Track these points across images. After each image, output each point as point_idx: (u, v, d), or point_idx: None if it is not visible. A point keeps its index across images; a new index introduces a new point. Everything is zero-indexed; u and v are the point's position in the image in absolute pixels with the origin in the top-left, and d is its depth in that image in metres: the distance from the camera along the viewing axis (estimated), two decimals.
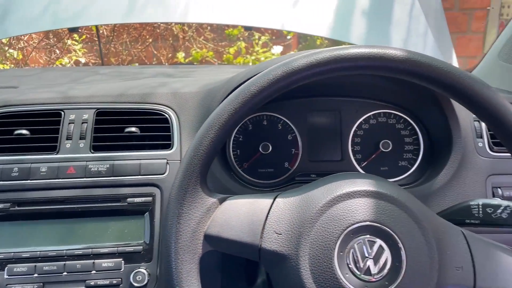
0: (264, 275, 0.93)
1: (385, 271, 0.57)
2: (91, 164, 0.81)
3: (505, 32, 1.02)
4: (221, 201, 0.63)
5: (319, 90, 0.97)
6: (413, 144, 0.95)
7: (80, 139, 0.83)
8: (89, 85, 0.97)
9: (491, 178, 0.86)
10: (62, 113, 0.85)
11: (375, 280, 0.56)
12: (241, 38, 3.48)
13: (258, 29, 3.40)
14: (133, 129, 0.85)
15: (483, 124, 0.89)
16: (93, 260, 0.76)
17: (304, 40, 3.56)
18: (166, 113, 0.87)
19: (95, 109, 0.86)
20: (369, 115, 0.96)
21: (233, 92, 0.62)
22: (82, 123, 0.85)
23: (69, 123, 0.84)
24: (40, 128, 0.84)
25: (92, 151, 0.83)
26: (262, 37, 3.43)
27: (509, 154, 0.81)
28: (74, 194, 0.79)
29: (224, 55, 3.45)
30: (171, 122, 0.86)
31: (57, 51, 3.48)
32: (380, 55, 0.60)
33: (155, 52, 3.48)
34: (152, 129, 0.86)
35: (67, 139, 0.83)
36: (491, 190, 0.85)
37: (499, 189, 0.85)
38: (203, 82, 0.95)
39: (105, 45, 3.35)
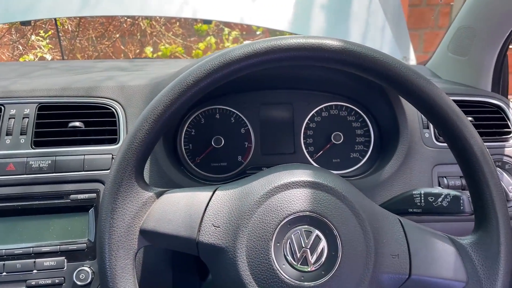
0: None
1: (322, 260, 0.57)
2: (32, 160, 0.78)
3: (453, 26, 1.04)
4: (159, 195, 0.62)
5: (272, 83, 0.96)
6: (364, 136, 0.96)
7: (21, 134, 0.80)
8: (32, 79, 0.93)
9: (437, 168, 0.87)
10: (2, 108, 0.82)
11: (311, 270, 0.56)
12: (211, 34, 3.44)
13: (228, 24, 3.37)
14: (77, 123, 0.83)
15: None
16: (34, 260, 0.74)
17: (274, 35, 3.55)
18: (112, 107, 0.85)
19: (37, 104, 0.83)
20: (321, 108, 0.97)
21: (170, 84, 0.61)
22: (23, 118, 0.82)
23: (10, 118, 0.81)
24: None
25: (34, 146, 0.80)
26: (233, 32, 3.41)
27: None
28: (14, 191, 0.77)
29: (194, 51, 3.42)
30: (118, 116, 0.84)
31: (20, 47, 3.37)
32: (317, 45, 0.60)
33: (122, 47, 3.41)
34: (97, 123, 0.84)
35: (7, 134, 0.80)
36: (437, 180, 0.87)
37: (444, 179, 0.87)
38: (153, 75, 0.93)
39: (70, 40, 3.27)
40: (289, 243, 0.57)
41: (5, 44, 3.35)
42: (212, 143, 0.93)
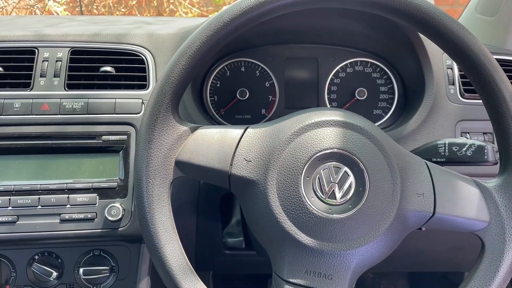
0: (238, 216, 0.96)
1: (349, 195, 0.59)
2: (65, 101, 0.81)
3: None
4: (193, 129, 0.64)
5: (297, 37, 0.97)
6: (388, 93, 0.97)
7: (54, 77, 0.82)
8: (63, 28, 0.95)
9: (460, 124, 0.88)
10: (36, 50, 0.84)
11: (339, 203, 0.58)
12: (228, 4, 3.42)
13: None
14: (108, 68, 0.85)
15: (456, 72, 0.90)
16: (67, 195, 0.77)
17: None
18: (142, 54, 0.86)
19: (69, 48, 0.85)
20: (346, 63, 0.97)
21: (206, 21, 0.62)
22: (56, 61, 0.84)
23: (43, 61, 0.83)
24: (14, 65, 0.83)
25: (67, 89, 0.82)
26: None
27: (479, 101, 0.83)
28: (48, 130, 0.79)
29: None
30: (147, 63, 0.86)
31: (38, 12, 3.38)
32: None
33: (139, 15, 3.40)
34: (127, 69, 0.86)
35: (41, 76, 0.82)
36: (460, 135, 0.88)
37: (467, 134, 0.88)
38: (181, 26, 0.94)
39: (87, 6, 3.27)
40: (318, 177, 0.59)
41: (23, 8, 3.36)
42: (237, 95, 0.95)
